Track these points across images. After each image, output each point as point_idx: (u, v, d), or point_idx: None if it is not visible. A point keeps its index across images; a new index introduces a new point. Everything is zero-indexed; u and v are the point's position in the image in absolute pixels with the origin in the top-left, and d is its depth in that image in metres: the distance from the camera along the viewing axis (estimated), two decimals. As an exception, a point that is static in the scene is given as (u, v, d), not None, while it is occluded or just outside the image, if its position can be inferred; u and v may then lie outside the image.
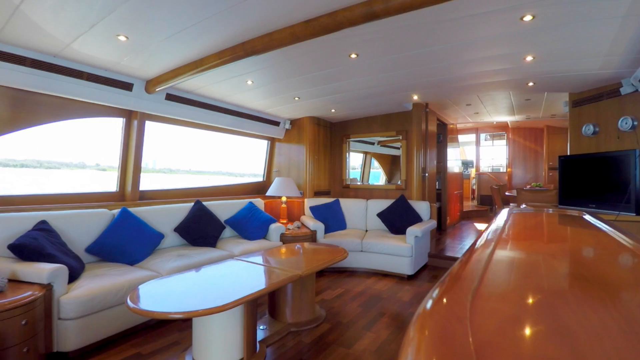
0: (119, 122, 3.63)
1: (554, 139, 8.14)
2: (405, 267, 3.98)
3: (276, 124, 5.19)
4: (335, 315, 2.98)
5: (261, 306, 3.14)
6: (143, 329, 2.66)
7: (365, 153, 6.51)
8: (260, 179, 5.56)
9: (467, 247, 4.95)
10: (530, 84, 3.59)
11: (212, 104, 4.10)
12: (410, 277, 4.03)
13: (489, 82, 3.57)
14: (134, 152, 3.59)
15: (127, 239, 3.09)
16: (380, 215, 4.67)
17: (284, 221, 4.79)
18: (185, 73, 3.01)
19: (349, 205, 5.01)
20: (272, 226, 4.15)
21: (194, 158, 5.08)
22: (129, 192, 3.62)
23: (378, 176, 6.66)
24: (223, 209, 4.16)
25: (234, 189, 4.99)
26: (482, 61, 2.97)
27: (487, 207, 8.91)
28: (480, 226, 7.06)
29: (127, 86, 3.31)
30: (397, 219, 4.51)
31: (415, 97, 4.26)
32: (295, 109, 4.71)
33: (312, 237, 4.33)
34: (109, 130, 3.70)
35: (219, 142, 5.11)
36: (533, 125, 8.53)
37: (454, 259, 4.43)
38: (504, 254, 0.92)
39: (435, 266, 4.54)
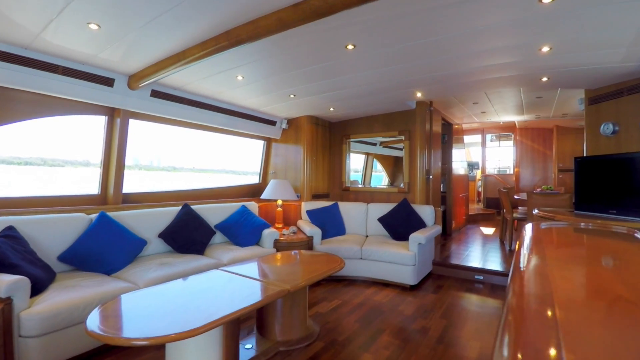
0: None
1: (564, 140, 7.82)
2: (408, 276, 3.71)
3: (272, 123, 4.94)
4: (330, 332, 2.72)
5: (249, 320, 2.88)
6: (115, 347, 2.41)
7: (367, 154, 6.25)
8: (257, 180, 5.31)
9: (473, 254, 4.65)
10: (544, 79, 3.31)
11: (202, 101, 3.86)
12: (413, 288, 3.75)
13: (499, 77, 3.30)
14: (117, 153, 3.36)
15: (104, 246, 2.85)
16: (382, 220, 4.40)
17: (280, 226, 4.54)
18: (169, 67, 2.77)
19: (348, 209, 4.74)
20: (266, 232, 3.89)
21: (198, 156, 4.97)
22: (111, 196, 3.39)
23: (380, 179, 6.40)
24: (213, 213, 3.92)
25: (228, 192, 4.75)
26: (492, 53, 2.70)
27: (493, 211, 8.60)
28: (487, 230, 6.76)
29: (107, 81, 3.08)
30: (399, 224, 4.24)
31: (419, 95, 3.99)
32: (292, 108, 4.46)
33: (308, 243, 4.07)
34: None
35: (222, 141, 4.96)
36: (542, 125, 8.21)
37: (460, 267, 4.15)
38: (569, 301, 0.67)
39: (440, 275, 4.26)
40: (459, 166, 6.94)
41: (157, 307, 1.94)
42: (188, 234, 3.43)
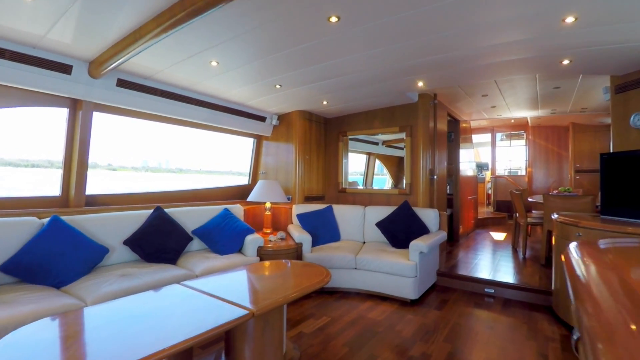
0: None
1: (581, 138, 7.29)
2: (408, 289, 3.26)
3: (262, 119, 4.56)
4: (312, 359, 2.29)
5: (220, 343, 2.48)
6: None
7: (369, 154, 5.85)
8: (246, 181, 4.93)
9: (483, 262, 4.15)
10: (566, 61, 2.85)
11: (179, 93, 3.49)
12: (414, 302, 3.31)
13: (512, 60, 2.85)
14: (79, 149, 3.01)
15: (55, 255, 2.48)
16: (380, 225, 3.96)
17: (268, 231, 4.14)
18: (127, 48, 2.40)
19: (343, 213, 4.32)
20: (249, 238, 3.49)
21: (205, 158, 4.87)
22: (72, 197, 3.03)
23: (384, 182, 5.98)
24: (192, 217, 3.53)
25: (214, 193, 4.36)
26: (505, 26, 2.27)
27: (504, 214, 8.08)
28: (498, 236, 6.26)
29: (64, 68, 2.72)
30: (399, 229, 3.80)
31: (420, 84, 3.56)
32: (281, 101, 4.07)
33: (297, 251, 3.66)
34: (121, 129, 3.66)
35: (226, 141, 4.77)
36: (556, 123, 7.69)
37: (468, 279, 3.68)
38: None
39: (445, 287, 3.80)
40: (467, 167, 6.47)
41: (84, 335, 1.55)
42: (159, 241, 3.05)
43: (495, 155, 9.47)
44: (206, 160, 4.92)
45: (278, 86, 3.47)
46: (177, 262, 3.11)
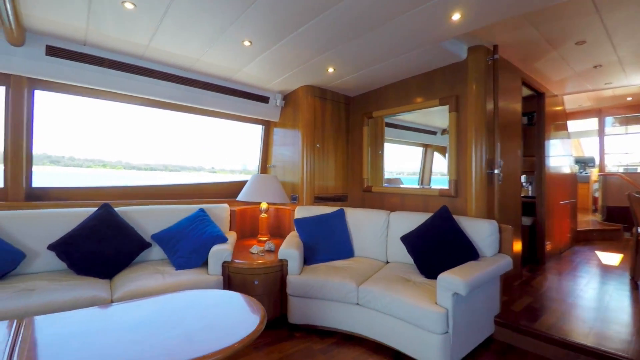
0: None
1: None
2: (433, 351, 2.02)
3: (264, 99, 3.69)
4: None
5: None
6: None
7: (426, 146, 4.64)
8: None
9: (579, 304, 2.44)
10: None
11: (134, 64, 2.76)
12: (444, 370, 2.05)
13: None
14: (12, 135, 2.52)
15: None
16: (406, 239, 2.75)
17: (264, 239, 3.25)
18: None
19: (359, 220, 3.19)
20: (214, 249, 2.62)
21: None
22: (9, 190, 2.55)
23: (446, 182, 4.70)
24: (154, 218, 2.83)
25: (210, 190, 3.65)
26: None
27: (619, 226, 5.87)
28: (608, 258, 4.36)
29: (-24, 33, 2.22)
30: (432, 249, 2.54)
31: (457, 17, 2.22)
32: (274, 72, 3.13)
33: (281, 269, 2.68)
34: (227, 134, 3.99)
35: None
36: None
37: (550, 340, 2.18)
38: None
39: (508, 345, 2.41)
40: (560, 161, 4.70)
41: None
42: (92, 248, 2.38)
43: (603, 147, 7.11)
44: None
45: (247, 43, 2.52)
46: (116, 275, 2.40)
